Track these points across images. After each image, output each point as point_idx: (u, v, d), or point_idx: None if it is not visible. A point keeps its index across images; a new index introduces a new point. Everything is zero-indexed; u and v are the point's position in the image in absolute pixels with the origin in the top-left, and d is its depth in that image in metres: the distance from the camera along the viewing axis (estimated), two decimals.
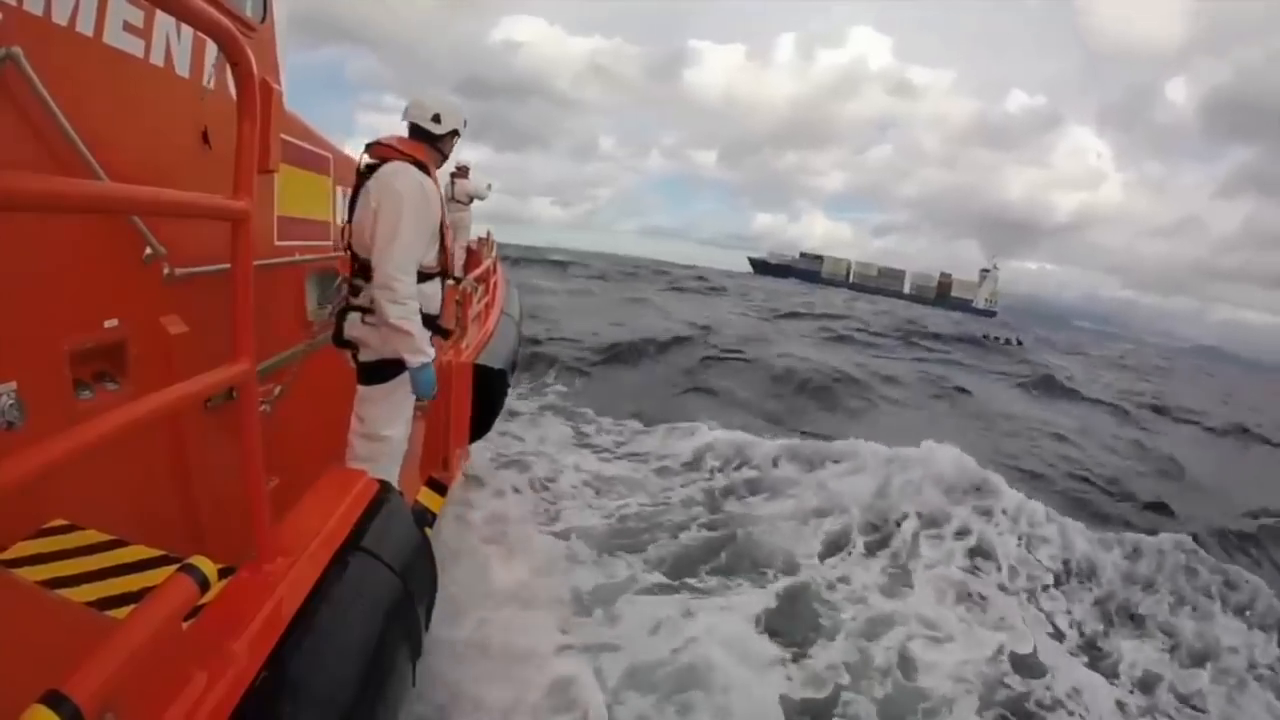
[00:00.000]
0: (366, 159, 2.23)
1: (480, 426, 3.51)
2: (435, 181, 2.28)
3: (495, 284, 5.20)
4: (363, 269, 2.20)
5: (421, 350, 2.14)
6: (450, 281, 2.62)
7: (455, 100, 2.39)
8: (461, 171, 7.73)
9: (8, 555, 1.32)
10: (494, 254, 6.64)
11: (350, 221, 2.24)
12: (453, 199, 7.60)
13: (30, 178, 0.66)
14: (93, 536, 1.43)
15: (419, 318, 2.15)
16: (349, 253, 2.25)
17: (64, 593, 1.23)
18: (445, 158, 2.41)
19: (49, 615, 1.16)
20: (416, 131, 2.31)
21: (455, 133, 2.38)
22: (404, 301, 2.07)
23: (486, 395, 3.38)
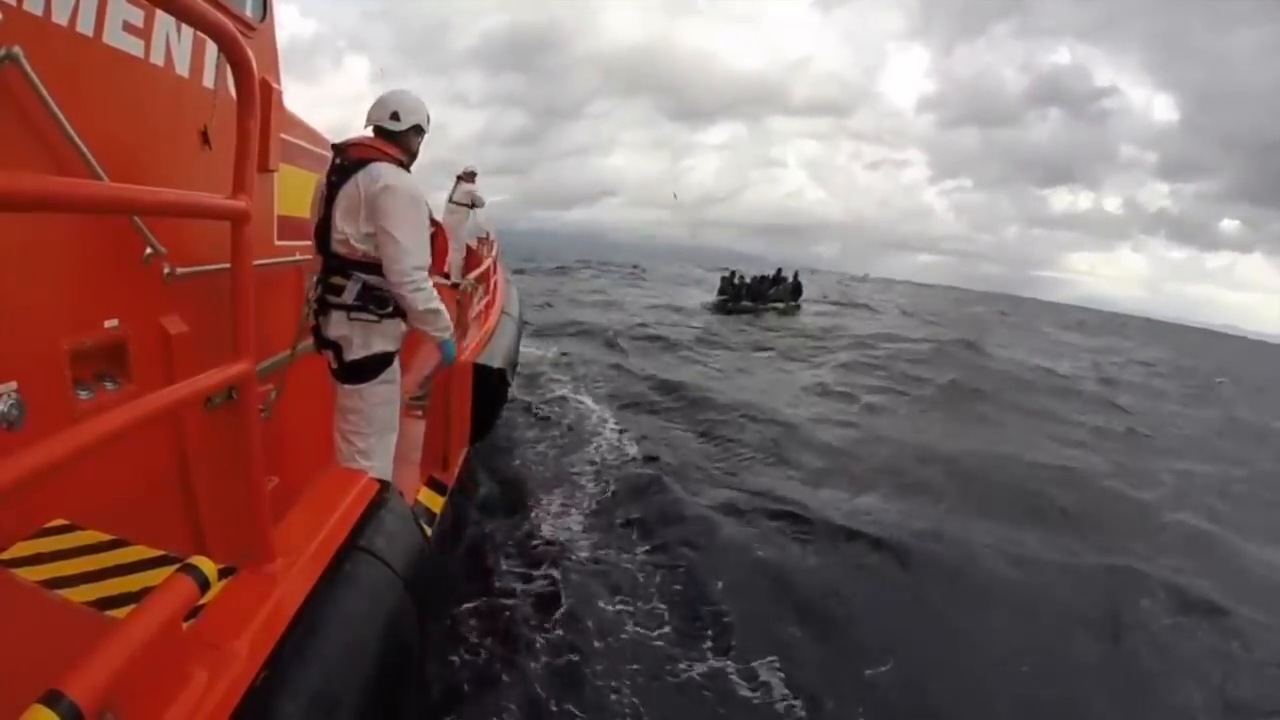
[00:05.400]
0: (345, 157, 2.20)
1: (481, 426, 3.51)
2: None
3: (495, 284, 5.20)
4: (341, 266, 2.18)
5: (449, 325, 2.41)
6: (448, 281, 2.63)
7: (415, 97, 2.33)
8: (468, 176, 7.72)
9: (8, 555, 1.31)
10: (494, 254, 6.64)
11: (325, 220, 2.19)
12: (451, 200, 7.59)
13: (30, 178, 0.66)
14: (93, 536, 1.43)
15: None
16: (325, 253, 2.22)
17: (64, 593, 1.23)
18: (413, 156, 2.36)
19: (49, 615, 1.16)
20: (380, 131, 2.28)
21: (418, 129, 2.34)
22: (428, 287, 2.24)
23: (487, 395, 3.38)
